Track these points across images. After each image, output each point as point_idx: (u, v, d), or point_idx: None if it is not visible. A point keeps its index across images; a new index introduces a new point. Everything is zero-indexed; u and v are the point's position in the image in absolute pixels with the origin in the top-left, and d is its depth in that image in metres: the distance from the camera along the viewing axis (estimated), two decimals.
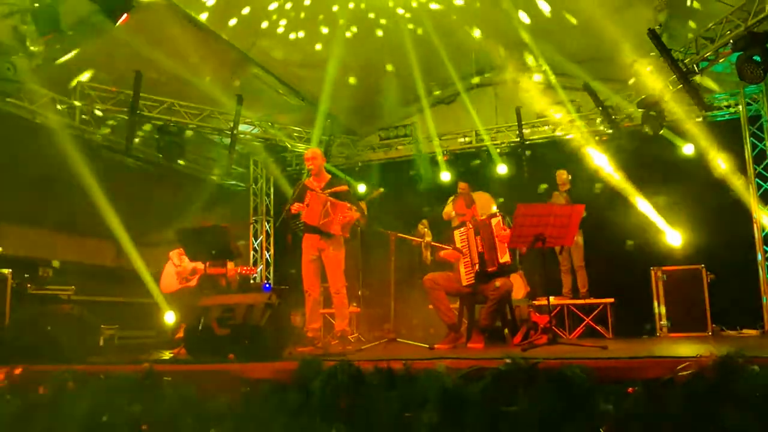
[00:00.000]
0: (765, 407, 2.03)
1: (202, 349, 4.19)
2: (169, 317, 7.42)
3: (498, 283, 5.32)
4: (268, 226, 10.93)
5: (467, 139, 10.07)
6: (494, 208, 7.31)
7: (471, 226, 5.70)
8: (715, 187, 7.92)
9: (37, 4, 5.42)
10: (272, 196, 11.06)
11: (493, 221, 5.56)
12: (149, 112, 8.39)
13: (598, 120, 9.09)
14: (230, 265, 7.54)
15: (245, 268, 7.99)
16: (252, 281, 10.30)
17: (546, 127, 9.59)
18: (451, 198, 8.13)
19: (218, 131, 9.22)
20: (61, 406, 2.95)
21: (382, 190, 7.43)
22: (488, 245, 5.52)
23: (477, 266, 5.54)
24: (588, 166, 8.54)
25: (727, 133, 8.29)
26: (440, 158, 9.78)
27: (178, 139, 8.44)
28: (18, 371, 3.31)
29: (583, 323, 7.81)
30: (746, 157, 8.31)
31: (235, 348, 3.96)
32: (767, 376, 2.07)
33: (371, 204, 7.82)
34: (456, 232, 5.80)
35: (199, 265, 7.04)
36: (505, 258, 5.43)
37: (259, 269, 10.68)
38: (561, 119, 9.39)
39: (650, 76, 7.76)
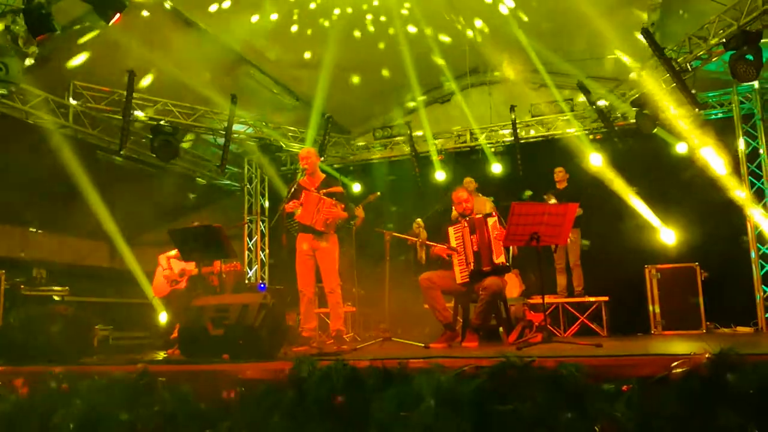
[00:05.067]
0: (759, 404, 2.04)
1: (196, 349, 4.17)
2: (164, 318, 7.37)
3: (486, 282, 5.27)
4: (262, 226, 10.90)
5: (462, 138, 10.08)
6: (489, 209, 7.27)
7: (466, 225, 5.60)
8: (708, 185, 7.93)
9: (29, 4, 5.37)
10: (267, 196, 11.04)
11: (490, 221, 5.51)
12: (143, 112, 8.36)
13: (592, 118, 9.11)
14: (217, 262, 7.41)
15: (229, 265, 7.79)
16: (246, 281, 10.28)
17: (540, 126, 9.61)
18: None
19: (212, 131, 9.19)
20: (54, 407, 2.93)
21: (378, 194, 7.37)
22: (484, 244, 5.47)
23: (472, 265, 5.47)
24: (582, 164, 8.55)
25: (720, 132, 8.30)
26: (435, 158, 9.78)
27: (171, 139, 8.40)
28: (11, 372, 3.30)
29: (578, 321, 7.83)
30: (739, 155, 8.35)
31: (229, 348, 3.94)
32: (761, 373, 2.08)
33: (367, 208, 7.81)
34: (451, 229, 5.71)
35: (187, 267, 6.99)
36: (500, 259, 5.39)
37: (253, 269, 10.66)
38: (555, 118, 9.44)
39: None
